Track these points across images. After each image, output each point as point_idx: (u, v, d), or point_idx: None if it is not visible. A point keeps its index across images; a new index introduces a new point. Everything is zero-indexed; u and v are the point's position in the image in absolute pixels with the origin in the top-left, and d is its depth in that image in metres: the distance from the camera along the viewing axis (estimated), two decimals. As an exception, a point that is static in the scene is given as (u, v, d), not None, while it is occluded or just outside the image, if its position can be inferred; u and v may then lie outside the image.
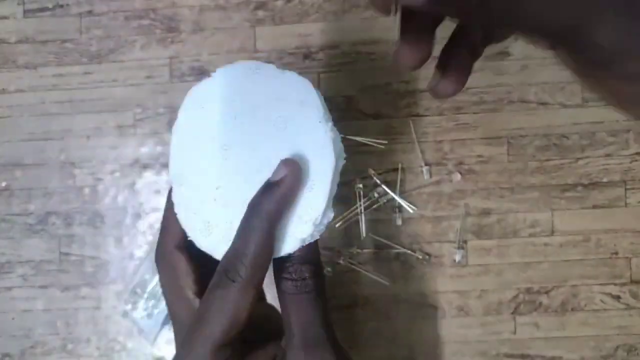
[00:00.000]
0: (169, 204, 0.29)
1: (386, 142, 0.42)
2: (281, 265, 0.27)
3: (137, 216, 0.43)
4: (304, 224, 0.27)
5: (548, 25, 0.17)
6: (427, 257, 0.41)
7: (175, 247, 0.29)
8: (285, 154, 0.28)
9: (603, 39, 0.16)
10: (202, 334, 0.24)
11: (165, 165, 0.42)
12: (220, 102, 0.30)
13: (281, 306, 0.26)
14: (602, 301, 0.41)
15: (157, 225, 0.41)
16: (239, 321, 0.24)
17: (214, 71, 0.31)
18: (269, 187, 0.26)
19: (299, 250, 0.27)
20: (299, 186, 0.27)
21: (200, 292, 0.27)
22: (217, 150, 0.29)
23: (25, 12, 0.44)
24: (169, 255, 0.29)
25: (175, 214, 0.29)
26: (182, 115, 0.31)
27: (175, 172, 0.30)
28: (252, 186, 0.28)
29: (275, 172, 0.27)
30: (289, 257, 0.27)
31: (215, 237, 0.28)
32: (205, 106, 0.30)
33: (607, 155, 0.41)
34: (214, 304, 0.25)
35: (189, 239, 0.28)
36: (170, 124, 0.43)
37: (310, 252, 0.27)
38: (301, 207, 0.27)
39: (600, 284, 0.41)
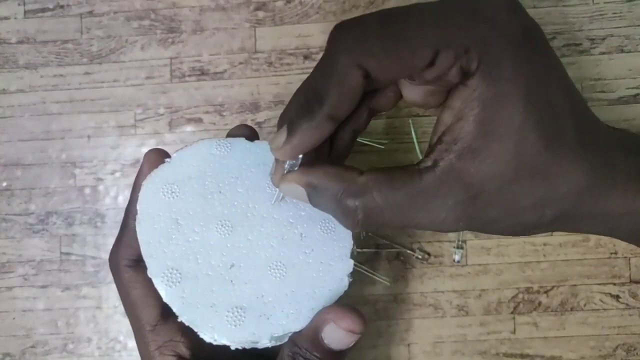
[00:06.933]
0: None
1: (386, 142, 0.42)
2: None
3: (138, 216, 0.43)
4: (342, 262, 0.27)
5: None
6: (426, 256, 0.41)
7: None
8: (291, 212, 0.27)
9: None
10: None
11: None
12: (192, 181, 0.28)
13: None
14: (601, 301, 0.41)
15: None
16: None
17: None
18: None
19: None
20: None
21: None
22: (214, 229, 0.27)
23: (25, 12, 0.44)
24: None
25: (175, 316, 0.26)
26: (144, 206, 0.27)
27: (164, 272, 0.26)
28: (267, 250, 0.27)
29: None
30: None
31: (251, 320, 0.25)
32: (175, 190, 0.27)
33: (607, 155, 0.42)
34: None
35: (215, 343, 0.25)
36: (170, 124, 0.43)
37: None
38: (334, 249, 0.28)
39: (600, 284, 0.41)
